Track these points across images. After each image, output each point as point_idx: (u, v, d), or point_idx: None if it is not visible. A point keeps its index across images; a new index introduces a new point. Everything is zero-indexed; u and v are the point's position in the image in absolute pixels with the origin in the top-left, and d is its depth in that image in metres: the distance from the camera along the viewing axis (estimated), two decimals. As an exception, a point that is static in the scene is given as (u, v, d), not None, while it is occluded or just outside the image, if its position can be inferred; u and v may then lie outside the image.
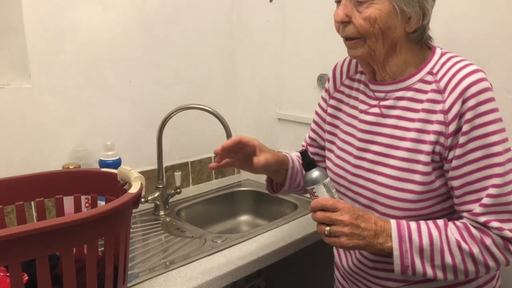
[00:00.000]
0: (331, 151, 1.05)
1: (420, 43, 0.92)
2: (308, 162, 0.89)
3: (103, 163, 1.28)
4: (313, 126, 1.12)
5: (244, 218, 1.70)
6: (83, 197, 1.02)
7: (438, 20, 0.98)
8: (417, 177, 0.85)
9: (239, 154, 1.01)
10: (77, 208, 1.01)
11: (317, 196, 0.87)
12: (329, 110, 1.06)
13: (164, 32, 1.54)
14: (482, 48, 1.16)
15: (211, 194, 1.66)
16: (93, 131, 1.41)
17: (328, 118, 1.06)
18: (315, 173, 0.88)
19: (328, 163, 1.04)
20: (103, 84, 1.42)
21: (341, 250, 1.05)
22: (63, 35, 1.30)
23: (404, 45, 0.89)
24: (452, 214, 0.89)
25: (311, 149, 1.13)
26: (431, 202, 0.87)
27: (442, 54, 0.89)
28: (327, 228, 0.83)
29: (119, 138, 1.44)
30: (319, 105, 1.11)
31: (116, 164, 1.28)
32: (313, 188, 0.87)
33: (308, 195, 0.91)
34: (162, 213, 1.47)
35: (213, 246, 1.21)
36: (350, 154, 0.97)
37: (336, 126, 1.04)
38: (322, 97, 1.10)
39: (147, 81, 1.52)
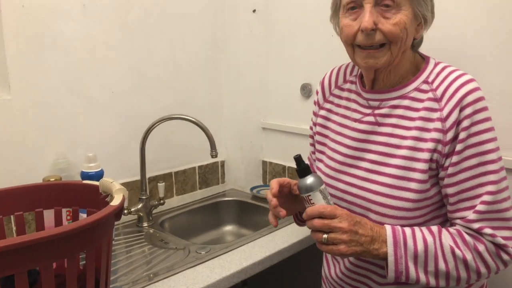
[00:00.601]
0: (320, 160, 1.05)
1: (413, 51, 0.93)
2: (303, 169, 0.87)
3: (85, 175, 1.27)
4: (311, 140, 1.13)
5: (228, 228, 1.69)
6: (64, 210, 1.01)
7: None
8: (413, 185, 0.86)
9: (280, 199, 0.93)
10: (58, 221, 0.99)
11: (313, 203, 0.85)
12: (319, 120, 1.06)
13: (147, 41, 1.54)
14: (458, 56, 1.18)
15: (195, 204, 1.65)
16: (75, 143, 1.39)
17: (318, 128, 1.06)
18: (310, 180, 0.86)
19: (318, 173, 1.04)
20: (85, 94, 1.40)
21: (330, 260, 1.05)
22: (44, 45, 1.29)
23: (408, 51, 0.90)
24: (445, 223, 0.90)
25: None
26: (426, 210, 0.87)
27: (436, 64, 0.90)
28: (325, 236, 0.82)
29: (101, 149, 1.43)
30: (312, 120, 1.11)
31: (99, 175, 1.27)
32: (309, 195, 0.85)
33: None
34: (145, 224, 1.45)
35: (197, 257, 1.20)
36: (341, 163, 0.97)
37: (326, 136, 1.04)
38: (313, 111, 1.10)
39: (130, 91, 1.52)
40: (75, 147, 1.38)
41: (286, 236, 1.32)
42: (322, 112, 1.06)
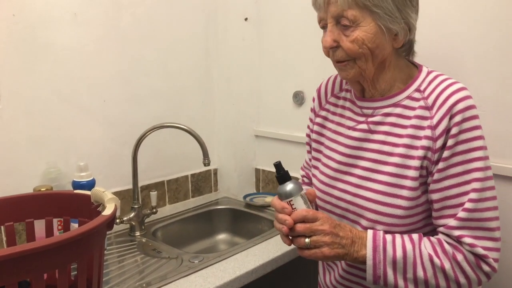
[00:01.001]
0: (316, 168, 1.05)
1: (406, 59, 0.94)
2: (282, 175, 0.87)
3: (76, 184, 1.26)
4: (307, 148, 1.13)
5: (221, 236, 1.68)
6: (55, 220, 1.00)
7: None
8: (405, 193, 0.86)
9: None
10: (49, 232, 0.98)
11: (295, 208, 0.86)
12: (315, 127, 1.07)
13: (139, 49, 1.54)
14: (448, 64, 1.19)
15: (188, 213, 1.64)
16: (66, 152, 1.38)
17: (314, 136, 1.07)
18: (290, 186, 0.86)
19: (314, 180, 1.04)
20: (77, 103, 1.40)
21: (326, 267, 1.05)
22: (35, 54, 1.29)
23: (392, 61, 0.91)
24: (434, 232, 0.90)
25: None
26: (418, 218, 0.88)
27: (429, 73, 0.91)
28: (307, 240, 0.83)
29: (93, 158, 1.42)
30: (308, 127, 1.12)
31: (90, 185, 1.26)
32: (291, 200, 0.86)
33: None
34: (138, 233, 1.44)
35: (190, 267, 1.19)
36: (336, 170, 0.98)
37: (321, 143, 1.05)
38: (309, 118, 1.11)
39: (121, 100, 1.51)
40: (66, 156, 1.37)
41: (280, 244, 1.32)
42: (318, 120, 1.07)
